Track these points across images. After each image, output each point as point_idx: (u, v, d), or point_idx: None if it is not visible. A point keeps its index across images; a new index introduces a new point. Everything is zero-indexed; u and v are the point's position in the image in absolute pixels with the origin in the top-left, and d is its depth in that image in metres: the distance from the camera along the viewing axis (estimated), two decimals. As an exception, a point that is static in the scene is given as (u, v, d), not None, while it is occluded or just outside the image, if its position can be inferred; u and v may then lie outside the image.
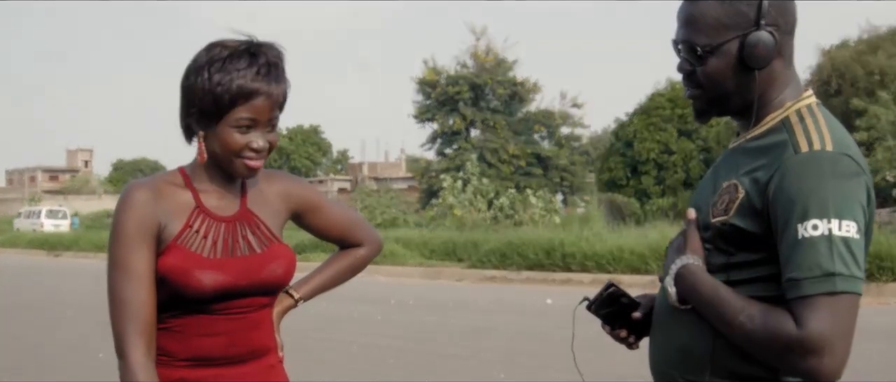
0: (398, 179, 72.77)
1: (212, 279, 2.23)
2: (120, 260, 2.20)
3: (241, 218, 2.37)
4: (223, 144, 2.24)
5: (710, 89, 2.13)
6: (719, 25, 2.08)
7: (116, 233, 2.21)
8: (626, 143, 41.50)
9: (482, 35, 53.57)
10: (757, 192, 2.00)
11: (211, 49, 2.26)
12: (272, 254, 2.37)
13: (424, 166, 54.71)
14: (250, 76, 2.21)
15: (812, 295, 1.86)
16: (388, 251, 21.47)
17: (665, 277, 2.16)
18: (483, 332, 11.35)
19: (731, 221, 2.03)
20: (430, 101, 53.33)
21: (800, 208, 1.90)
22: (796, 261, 1.89)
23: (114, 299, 2.19)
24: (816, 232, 1.87)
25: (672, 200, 38.57)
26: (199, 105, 2.23)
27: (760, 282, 2.01)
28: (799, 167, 1.95)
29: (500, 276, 18.41)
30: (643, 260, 16.90)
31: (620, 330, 2.42)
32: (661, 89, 41.95)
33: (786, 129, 2.05)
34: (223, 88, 2.20)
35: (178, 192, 2.31)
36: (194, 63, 2.25)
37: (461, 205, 28.38)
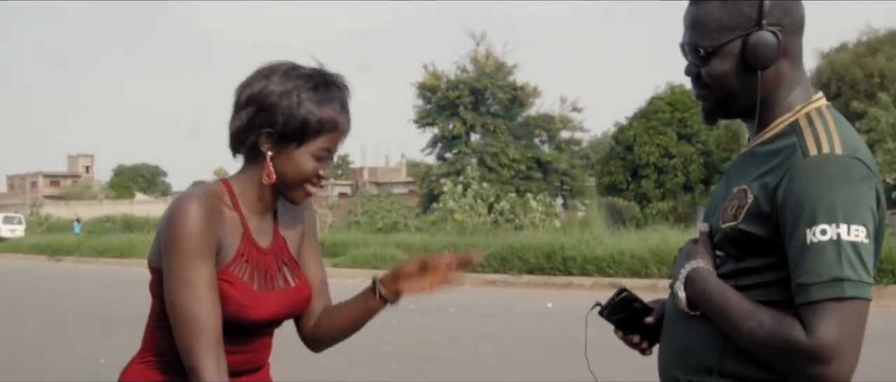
0: (399, 184, 72.77)
1: (259, 313, 2.28)
2: (186, 275, 2.16)
3: (277, 250, 2.40)
4: (297, 169, 2.28)
5: (716, 90, 2.13)
6: (721, 26, 2.07)
7: (181, 248, 2.16)
8: (625, 147, 41.54)
9: (482, 40, 53.71)
10: (765, 197, 1.98)
11: (293, 72, 2.29)
12: (302, 286, 2.45)
13: (425, 171, 54.76)
14: (338, 109, 2.29)
15: (820, 301, 1.85)
16: (388, 256, 21.50)
17: (675, 282, 2.15)
18: (484, 336, 11.36)
19: (740, 226, 2.02)
20: (431, 106, 53.41)
21: (808, 212, 1.89)
22: (805, 267, 1.88)
23: (182, 316, 2.16)
24: (825, 237, 1.86)
25: (672, 204, 38.65)
26: (284, 127, 2.24)
27: (769, 287, 2.00)
28: (807, 171, 1.93)
29: (500, 280, 18.42)
30: (643, 264, 16.91)
31: (633, 336, 2.42)
32: (661, 93, 41.99)
33: (795, 133, 2.04)
34: (315, 117, 2.25)
35: (228, 213, 2.30)
36: (277, 83, 2.27)
37: (462, 210, 28.39)
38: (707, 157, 40.02)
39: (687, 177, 39.74)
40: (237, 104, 2.30)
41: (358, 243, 24.01)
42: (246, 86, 2.30)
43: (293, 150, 2.26)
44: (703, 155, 40.17)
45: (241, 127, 2.29)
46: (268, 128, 2.25)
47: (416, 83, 53.87)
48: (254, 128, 2.27)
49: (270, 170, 2.28)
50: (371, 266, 21.13)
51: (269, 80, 2.27)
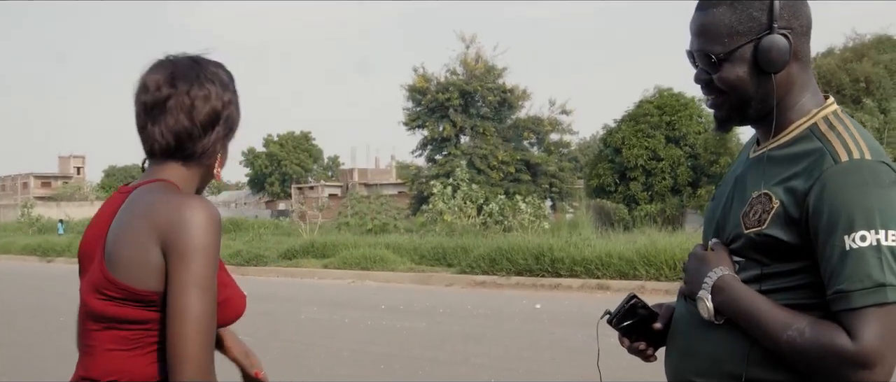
0: (388, 185, 72.76)
1: (245, 303, 2.31)
2: (208, 283, 2.05)
3: None
4: (225, 156, 2.37)
5: (730, 96, 2.13)
6: (732, 32, 2.07)
7: (207, 255, 2.06)
8: (614, 150, 41.64)
9: (472, 42, 53.71)
10: (794, 203, 1.98)
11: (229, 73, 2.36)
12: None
13: (414, 172, 54.77)
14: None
15: (863, 307, 1.85)
16: (377, 257, 21.55)
17: (699, 289, 2.12)
18: (473, 337, 11.45)
19: (766, 231, 2.02)
20: (421, 108, 53.41)
21: (845, 219, 1.88)
22: (845, 273, 1.87)
23: (203, 326, 2.04)
24: (864, 243, 1.86)
25: (660, 206, 38.81)
26: (234, 122, 2.34)
27: (795, 291, 2.01)
28: (840, 177, 1.92)
29: (489, 281, 18.46)
30: (632, 266, 16.98)
31: (639, 342, 2.42)
32: (650, 96, 42.10)
33: (817, 137, 2.04)
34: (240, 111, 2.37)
35: None
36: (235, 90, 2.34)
37: (451, 211, 28.45)
38: (695, 160, 40.15)
39: (675, 179, 39.87)
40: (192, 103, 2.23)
41: (347, 244, 24.02)
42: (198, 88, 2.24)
43: (227, 142, 2.34)
44: (690, 158, 40.30)
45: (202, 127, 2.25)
46: (227, 130, 2.31)
47: (405, 85, 53.90)
48: (214, 130, 2.27)
49: (219, 165, 2.35)
50: (360, 267, 21.17)
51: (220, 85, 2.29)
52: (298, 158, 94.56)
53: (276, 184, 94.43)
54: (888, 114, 35.80)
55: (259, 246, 26.74)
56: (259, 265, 23.64)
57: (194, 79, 2.24)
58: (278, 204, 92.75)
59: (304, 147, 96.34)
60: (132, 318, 2.10)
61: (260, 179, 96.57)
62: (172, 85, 2.22)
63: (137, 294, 2.08)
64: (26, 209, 59.76)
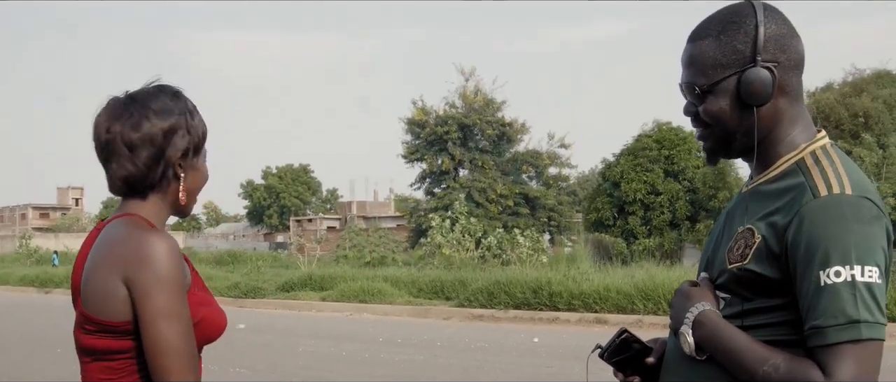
0: (387, 218, 72.75)
1: (225, 319, 2.34)
2: (175, 311, 2.11)
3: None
4: (202, 176, 2.39)
5: (715, 128, 2.13)
6: (716, 64, 2.07)
7: (168, 285, 2.11)
8: (613, 184, 41.68)
9: (471, 76, 53.86)
10: (774, 237, 1.97)
11: (177, 94, 2.35)
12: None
13: (413, 205, 54.78)
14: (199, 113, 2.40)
15: (837, 344, 1.84)
16: (376, 289, 21.53)
17: (681, 325, 2.11)
18: (471, 371, 11.45)
19: (747, 266, 2.01)
20: (419, 141, 53.48)
21: (821, 254, 1.87)
22: (820, 309, 1.86)
23: (172, 351, 2.10)
24: (839, 278, 1.85)
25: (658, 240, 38.78)
26: (193, 145, 2.32)
27: (777, 327, 1.99)
28: (819, 212, 1.92)
29: (487, 315, 18.46)
30: (630, 300, 16.99)
31: (632, 377, 2.41)
32: (648, 130, 42.18)
33: (802, 172, 2.03)
34: (203, 127, 2.38)
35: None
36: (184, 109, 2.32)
37: (449, 244, 28.45)
38: (693, 194, 40.18)
39: (673, 213, 39.88)
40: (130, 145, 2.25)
41: (346, 277, 24.01)
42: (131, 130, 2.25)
43: (196, 162, 2.35)
44: (689, 192, 40.33)
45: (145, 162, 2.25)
46: (187, 151, 2.30)
47: (404, 118, 54.01)
48: (161, 158, 2.26)
49: (183, 192, 2.34)
50: (358, 300, 21.16)
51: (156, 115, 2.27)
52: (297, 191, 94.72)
53: (274, 216, 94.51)
54: (887, 150, 35.85)
55: (257, 278, 26.71)
56: (257, 297, 23.56)
57: (127, 119, 2.26)
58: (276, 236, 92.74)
59: (303, 179, 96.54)
60: (113, 348, 2.17)
61: (258, 211, 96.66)
62: (108, 130, 2.27)
63: (110, 325, 2.15)
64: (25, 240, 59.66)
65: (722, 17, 2.12)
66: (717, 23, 2.11)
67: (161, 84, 2.36)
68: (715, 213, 37.57)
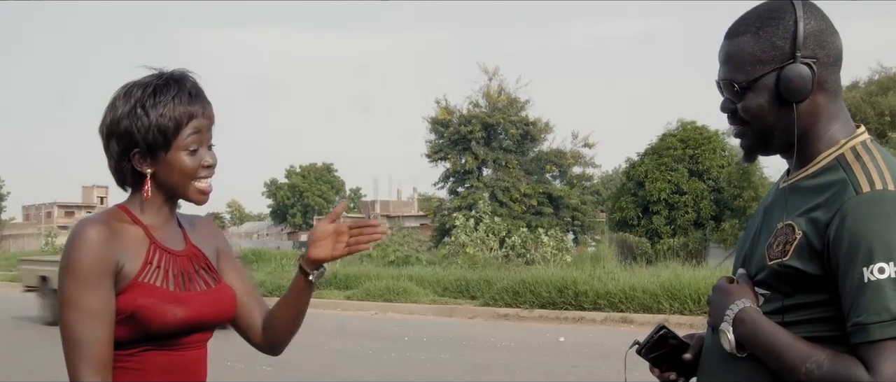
0: (410, 217, 72.81)
1: (182, 313, 2.28)
2: (74, 299, 2.17)
3: (191, 254, 2.43)
4: (179, 170, 2.31)
5: (753, 125, 2.12)
6: (756, 61, 2.06)
7: (72, 271, 2.19)
8: (637, 183, 41.55)
9: (494, 75, 53.78)
10: (816, 233, 1.96)
11: (131, 90, 2.32)
12: (223, 291, 2.46)
13: (437, 204, 54.76)
14: (185, 100, 2.31)
15: (881, 340, 1.82)
16: (401, 288, 21.56)
17: (721, 322, 2.09)
18: (496, 370, 11.45)
19: (788, 263, 2.00)
20: (443, 140, 53.45)
21: (864, 250, 1.86)
22: (863, 305, 1.85)
23: (70, 338, 2.17)
24: (883, 275, 1.84)
25: (683, 240, 38.62)
26: (145, 142, 2.28)
27: (818, 323, 1.98)
28: (861, 208, 1.91)
29: (513, 314, 18.46)
30: (655, 300, 16.96)
31: (669, 373, 2.41)
32: (673, 129, 42.02)
33: (842, 168, 2.02)
34: (166, 117, 2.28)
35: (130, 228, 2.32)
36: (121, 107, 2.31)
37: (473, 244, 28.47)
38: (718, 194, 40.02)
39: (698, 213, 39.71)
40: (104, 146, 2.35)
41: (370, 276, 24.05)
42: (102, 125, 2.34)
43: (166, 157, 2.30)
44: (714, 191, 40.17)
45: (112, 161, 2.35)
46: (134, 149, 2.30)
47: (428, 118, 54.01)
48: (124, 157, 2.32)
49: (148, 187, 2.33)
50: (383, 299, 21.20)
51: (115, 108, 2.31)
52: (320, 190, 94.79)
53: (298, 215, 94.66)
54: (913, 149, 35.65)
55: (282, 277, 26.79)
56: (282, 296, 23.49)
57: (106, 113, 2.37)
58: (300, 235, 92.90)
59: (327, 178, 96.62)
60: None
61: (282, 210, 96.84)
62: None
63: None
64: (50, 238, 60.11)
65: (760, 13, 2.11)
66: (756, 19, 2.10)
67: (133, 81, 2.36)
68: (740, 213, 37.43)
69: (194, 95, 2.35)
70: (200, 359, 2.42)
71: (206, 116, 2.36)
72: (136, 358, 2.28)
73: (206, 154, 2.36)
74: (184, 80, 2.35)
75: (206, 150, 2.37)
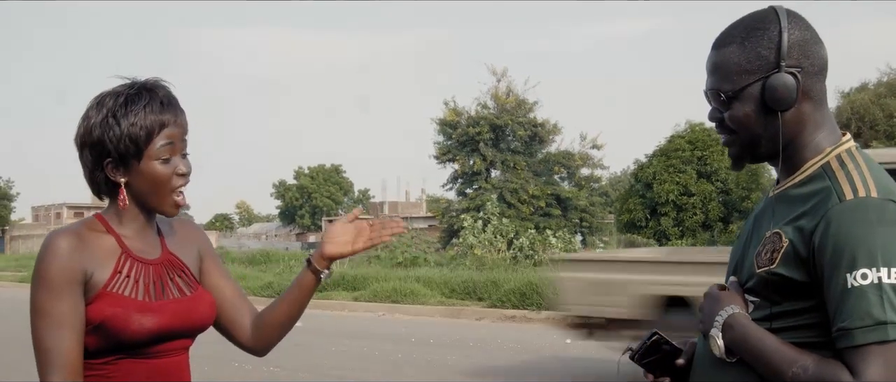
0: (419, 218, 72.82)
1: (150, 322, 2.27)
2: (44, 308, 2.20)
3: (166, 262, 2.42)
4: (152, 179, 2.31)
5: (740, 134, 2.16)
6: (741, 70, 2.10)
7: (40, 281, 2.22)
8: (645, 185, 41.51)
9: (503, 76, 53.81)
10: (801, 241, 2.00)
11: (103, 100, 2.33)
12: (200, 297, 2.45)
13: (445, 206, 54.79)
14: (157, 109, 2.31)
15: (865, 345, 1.86)
16: (408, 290, 21.57)
17: (711, 328, 2.14)
18: (503, 371, 11.48)
19: (775, 270, 2.03)
20: (451, 142, 53.48)
21: (848, 257, 1.90)
22: (847, 311, 1.89)
23: (39, 346, 2.20)
24: (866, 281, 1.88)
25: (691, 242, 38.56)
26: (116, 151, 2.29)
27: (805, 330, 2.01)
28: (844, 215, 1.95)
29: (520, 315, 18.47)
30: (662, 302, 16.95)
31: (662, 378, 2.44)
32: (681, 131, 41.97)
33: (827, 176, 2.06)
34: (137, 127, 2.28)
35: (101, 238, 2.33)
36: (93, 117, 2.32)
37: (481, 245, 28.50)
38: (726, 196, 39.98)
39: (706, 215, 39.67)
40: (79, 154, 2.37)
41: (378, 277, 24.06)
42: (77, 136, 2.35)
43: (138, 166, 2.30)
44: (722, 193, 40.13)
45: (87, 171, 2.37)
46: (107, 158, 2.31)
47: (436, 119, 54.03)
48: (97, 166, 2.33)
49: (124, 196, 2.33)
50: (391, 300, 21.23)
51: (88, 118, 2.32)
52: (329, 191, 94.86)
53: (306, 216, 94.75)
54: (922, 151, 35.52)
55: (290, 278, 26.81)
56: (290, 297, 23.48)
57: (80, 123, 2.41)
58: (309, 236, 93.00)
59: (335, 180, 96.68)
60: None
61: (290, 212, 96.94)
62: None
63: None
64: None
65: (746, 23, 2.15)
66: (742, 29, 2.14)
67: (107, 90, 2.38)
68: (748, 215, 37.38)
69: (166, 104, 2.34)
70: (179, 365, 2.42)
71: (178, 125, 2.36)
72: (110, 367, 2.29)
73: (180, 162, 2.36)
74: (156, 90, 2.36)
75: (179, 159, 2.36)
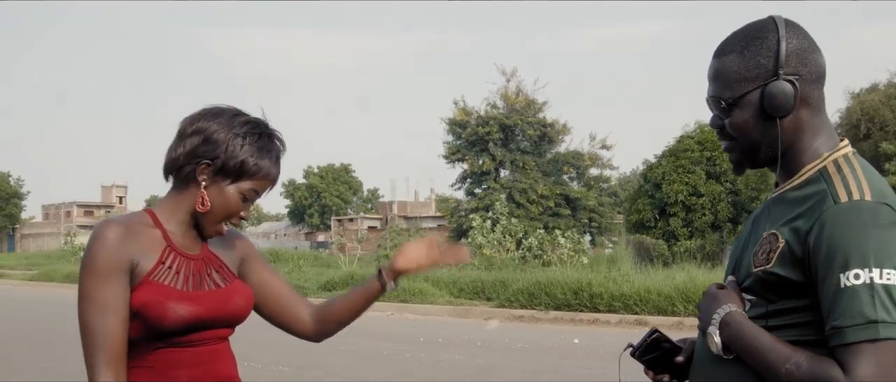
0: (428, 218, 72.87)
1: (186, 310, 2.37)
2: (91, 292, 2.31)
3: (206, 258, 2.54)
4: (225, 203, 2.46)
5: (740, 140, 2.21)
6: (741, 78, 2.15)
7: (89, 267, 2.32)
8: (654, 185, 41.48)
9: (512, 76, 53.87)
10: (797, 242, 2.06)
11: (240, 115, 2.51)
12: (235, 289, 2.56)
13: (454, 205, 54.85)
14: (274, 160, 2.51)
15: (856, 343, 1.91)
16: (417, 289, 21.62)
17: (708, 325, 2.19)
18: (511, 371, 11.51)
19: (771, 270, 2.09)
20: (461, 142, 53.54)
21: (841, 257, 1.96)
22: (839, 310, 1.95)
23: (85, 330, 2.30)
24: (858, 281, 1.94)
25: (700, 242, 38.51)
26: (222, 164, 2.43)
27: (800, 327, 2.07)
28: (839, 217, 2.00)
29: (528, 315, 18.48)
30: (670, 302, 16.97)
31: (662, 375, 2.50)
32: (690, 132, 41.93)
33: (824, 179, 2.11)
34: (254, 162, 2.45)
35: (149, 231, 2.43)
36: (225, 121, 2.46)
37: (490, 245, 28.52)
38: (735, 196, 39.92)
39: (715, 215, 39.61)
40: (181, 134, 2.47)
41: (387, 277, 24.09)
42: (194, 120, 2.47)
43: (226, 186, 2.45)
44: (731, 194, 40.06)
45: (183, 154, 2.44)
46: (208, 159, 2.42)
47: (446, 119, 54.09)
48: (195, 158, 2.43)
49: (206, 198, 2.45)
50: (399, 300, 21.27)
51: (217, 119, 2.46)
52: (338, 190, 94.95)
53: (315, 215, 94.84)
54: (931, 151, 35.53)
55: (299, 277, 26.91)
56: (299, 296, 23.53)
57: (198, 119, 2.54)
58: (318, 235, 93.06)
59: (344, 179, 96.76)
60: None
61: (299, 211, 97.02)
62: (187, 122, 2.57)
63: None
64: (69, 237, 60.37)
65: (745, 32, 2.21)
66: (741, 38, 2.21)
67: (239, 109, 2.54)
68: (757, 215, 37.29)
69: (279, 161, 2.54)
70: (220, 354, 2.53)
71: (274, 182, 2.55)
72: (149, 356, 2.39)
73: (248, 208, 2.54)
74: (281, 143, 2.56)
75: (249, 205, 2.53)
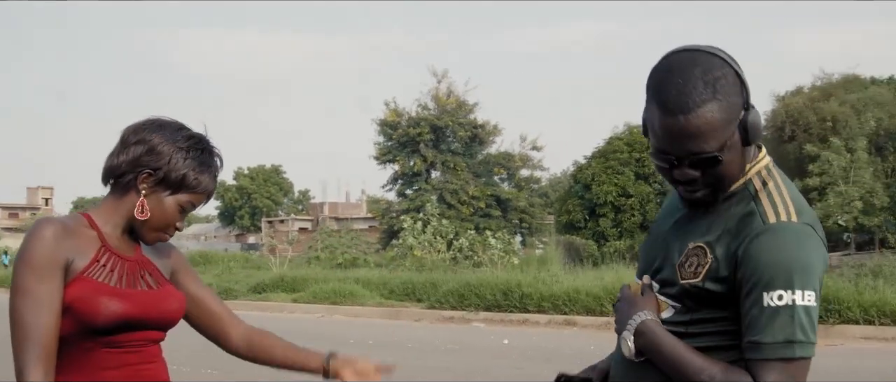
0: (359, 219, 72.63)
1: (118, 306, 2.39)
2: (25, 286, 2.32)
3: (140, 261, 2.56)
4: (163, 213, 2.50)
5: (723, 180, 2.18)
6: (725, 124, 2.10)
7: (25, 262, 2.34)
8: (584, 186, 41.85)
9: (443, 78, 53.90)
10: (726, 258, 2.14)
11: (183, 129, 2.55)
12: (168, 292, 2.58)
13: (385, 207, 54.73)
14: (212, 177, 2.57)
15: (772, 359, 2.04)
16: (347, 291, 21.52)
17: (623, 330, 2.26)
18: (441, 372, 11.50)
19: (699, 284, 2.17)
20: (392, 143, 53.44)
21: (766, 277, 2.06)
22: (760, 326, 2.05)
23: (17, 325, 2.31)
24: (781, 301, 2.04)
25: (629, 242, 38.93)
26: (165, 175, 2.47)
27: (718, 335, 2.17)
28: (766, 238, 2.09)
29: (458, 317, 18.50)
30: (599, 302, 17.10)
31: None
32: (619, 133, 42.41)
33: (751, 195, 2.19)
34: (194, 177, 2.50)
35: (85, 231, 2.46)
36: (169, 134, 2.51)
37: (421, 246, 28.52)
38: (664, 197, 40.33)
39: (644, 216, 40.06)
40: (124, 141, 2.50)
41: (318, 278, 23.96)
42: (138, 130, 2.51)
43: (165, 196, 2.49)
44: (660, 194, 40.51)
45: (125, 161, 2.47)
46: (150, 169, 2.46)
47: (377, 119, 53.96)
48: (137, 166, 2.46)
49: (145, 207, 2.49)
50: (330, 301, 21.16)
51: (162, 131, 2.51)
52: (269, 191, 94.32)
53: (246, 217, 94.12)
54: (854, 154, 36.24)
55: (229, 279, 26.66)
56: (229, 299, 23.23)
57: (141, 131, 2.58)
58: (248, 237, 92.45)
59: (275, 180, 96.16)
60: None
61: (230, 212, 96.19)
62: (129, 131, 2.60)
63: None
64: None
65: (705, 77, 2.09)
66: (704, 85, 2.08)
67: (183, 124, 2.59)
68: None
69: (216, 176, 2.60)
70: (149, 358, 2.54)
71: (210, 197, 2.61)
72: (80, 355, 2.39)
73: (183, 221, 2.58)
74: (220, 159, 2.62)
75: (184, 216, 2.58)
